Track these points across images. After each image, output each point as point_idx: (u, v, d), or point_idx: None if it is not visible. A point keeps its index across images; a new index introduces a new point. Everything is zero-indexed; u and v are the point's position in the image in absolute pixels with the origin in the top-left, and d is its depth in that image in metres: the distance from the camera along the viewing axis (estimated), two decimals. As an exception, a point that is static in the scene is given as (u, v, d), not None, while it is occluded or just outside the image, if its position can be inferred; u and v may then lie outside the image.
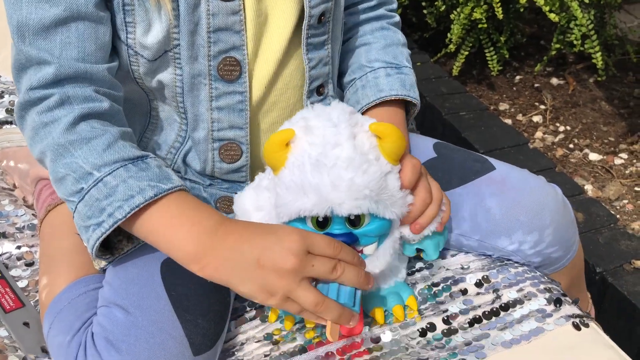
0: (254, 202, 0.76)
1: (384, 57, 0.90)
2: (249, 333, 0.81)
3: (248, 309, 0.84)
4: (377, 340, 0.78)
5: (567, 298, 0.82)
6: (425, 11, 1.97)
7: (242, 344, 0.80)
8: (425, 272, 0.87)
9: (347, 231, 0.70)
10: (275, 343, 0.79)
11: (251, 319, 0.82)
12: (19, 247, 0.91)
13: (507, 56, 1.94)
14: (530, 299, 0.82)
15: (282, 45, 0.79)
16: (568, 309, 0.80)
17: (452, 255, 0.90)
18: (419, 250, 0.81)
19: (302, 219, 0.71)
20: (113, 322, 0.69)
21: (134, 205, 0.66)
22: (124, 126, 0.73)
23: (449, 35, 1.84)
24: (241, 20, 0.74)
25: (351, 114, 0.73)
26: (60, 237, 0.83)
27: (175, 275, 0.73)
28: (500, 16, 1.69)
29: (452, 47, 1.85)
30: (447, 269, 0.87)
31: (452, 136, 1.70)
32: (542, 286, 0.83)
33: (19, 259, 0.90)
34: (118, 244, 0.75)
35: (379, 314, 0.80)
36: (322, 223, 0.70)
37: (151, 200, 0.66)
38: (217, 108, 0.78)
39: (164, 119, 0.82)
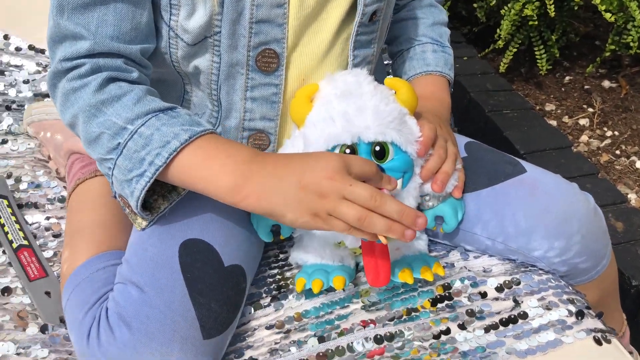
0: None
1: (431, 34, 0.97)
2: (262, 320, 0.81)
3: (264, 295, 0.84)
4: (391, 338, 0.77)
5: (591, 311, 0.80)
6: (475, 5, 1.93)
7: (255, 329, 0.80)
8: (446, 271, 0.85)
9: (374, 163, 0.73)
10: (287, 332, 0.79)
11: (266, 306, 0.83)
12: (47, 218, 0.94)
13: (557, 55, 1.87)
14: (551, 309, 0.79)
15: (326, 40, 0.79)
16: (590, 322, 0.78)
17: (476, 257, 0.88)
18: (438, 222, 0.84)
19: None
20: (127, 299, 0.70)
21: (171, 150, 0.68)
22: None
23: (498, 30, 1.79)
24: (285, 13, 0.74)
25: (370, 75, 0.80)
26: (86, 211, 0.84)
27: (193, 258, 0.74)
28: (553, 14, 1.63)
29: (500, 43, 1.80)
30: (469, 270, 0.85)
31: (493, 134, 1.66)
32: (565, 296, 0.81)
33: (47, 229, 0.92)
34: (154, 203, 0.76)
35: (407, 274, 0.80)
36: None
37: (186, 143, 0.68)
38: (251, 98, 0.78)
39: (196, 104, 0.83)
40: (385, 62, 1.14)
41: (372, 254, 0.76)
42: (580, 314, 0.78)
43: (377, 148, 0.75)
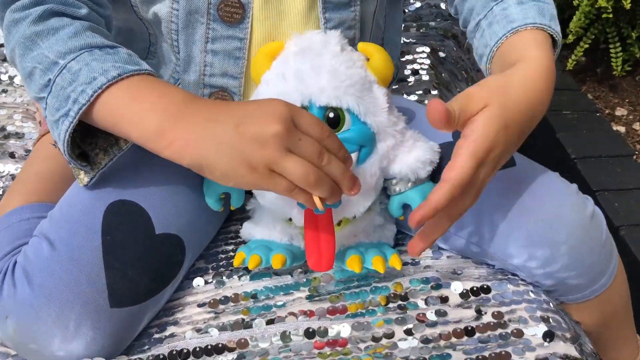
0: None
1: None
2: (199, 297, 0.75)
3: (210, 271, 0.78)
4: (324, 333, 0.68)
5: (567, 334, 0.67)
6: (548, -6, 1.76)
7: (187, 305, 0.74)
8: (410, 269, 0.75)
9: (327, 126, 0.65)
10: (220, 312, 0.72)
11: (208, 283, 0.76)
12: (17, 169, 0.92)
13: (638, 55, 1.68)
14: (517, 326, 0.67)
15: None
16: (561, 346, 0.65)
17: (448, 257, 0.77)
18: (406, 212, 0.73)
19: None
20: (36, 254, 0.66)
21: (96, 87, 0.60)
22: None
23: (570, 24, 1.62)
24: None
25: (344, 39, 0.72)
26: (35, 162, 0.81)
27: (118, 220, 0.68)
28: (628, 6, 1.45)
29: (570, 37, 1.63)
30: (437, 271, 0.75)
31: (543, 136, 1.51)
32: (538, 313, 0.68)
33: (13, 178, 0.91)
34: (95, 158, 0.69)
35: (356, 262, 0.71)
36: None
37: (114, 80, 0.60)
38: (211, 51, 0.73)
39: (161, 57, 0.78)
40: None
41: (315, 231, 0.67)
42: (548, 335, 0.65)
43: (331, 115, 0.67)
